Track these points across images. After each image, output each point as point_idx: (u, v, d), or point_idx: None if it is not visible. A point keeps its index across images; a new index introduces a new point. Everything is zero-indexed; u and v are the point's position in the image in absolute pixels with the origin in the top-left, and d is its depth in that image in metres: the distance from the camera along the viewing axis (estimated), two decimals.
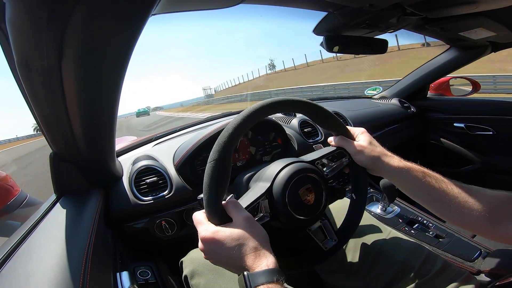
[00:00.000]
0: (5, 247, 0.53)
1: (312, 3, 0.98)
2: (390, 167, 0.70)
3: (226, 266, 0.55)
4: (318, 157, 0.74)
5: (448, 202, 0.62)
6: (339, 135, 0.75)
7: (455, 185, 0.64)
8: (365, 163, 0.72)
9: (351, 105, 2.02)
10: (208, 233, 0.54)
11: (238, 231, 0.53)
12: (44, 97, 0.53)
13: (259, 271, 0.48)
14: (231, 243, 0.52)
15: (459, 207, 0.61)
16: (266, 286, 0.46)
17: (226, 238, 0.52)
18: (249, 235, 0.53)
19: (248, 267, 0.50)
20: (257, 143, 1.19)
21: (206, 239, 0.53)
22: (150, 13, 0.40)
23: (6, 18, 0.36)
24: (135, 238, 0.94)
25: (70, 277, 0.46)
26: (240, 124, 0.59)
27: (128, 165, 1.01)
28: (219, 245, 0.52)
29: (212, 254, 0.54)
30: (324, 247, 0.70)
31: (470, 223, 0.61)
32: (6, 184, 1.03)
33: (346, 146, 0.74)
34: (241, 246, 0.51)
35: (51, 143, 0.70)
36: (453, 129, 1.99)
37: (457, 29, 1.34)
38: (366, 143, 0.73)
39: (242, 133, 0.60)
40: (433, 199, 0.65)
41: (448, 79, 2.18)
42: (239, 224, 0.54)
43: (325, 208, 0.70)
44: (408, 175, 0.68)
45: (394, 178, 0.71)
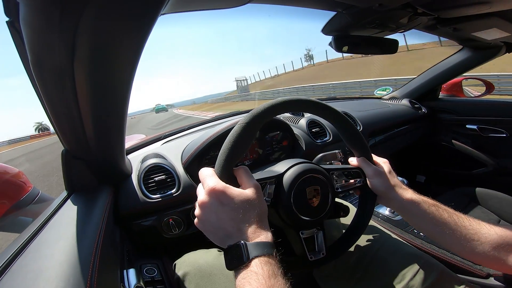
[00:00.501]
0: (16, 244, 0.54)
1: (320, 2, 0.98)
2: (403, 198, 0.70)
3: (219, 231, 0.51)
4: (334, 168, 0.74)
5: (459, 236, 0.62)
6: (361, 157, 0.76)
7: (465, 217, 0.65)
8: (379, 189, 0.72)
9: (360, 105, 2.00)
10: (219, 185, 0.52)
11: (248, 195, 0.52)
12: (56, 96, 0.54)
13: (258, 242, 0.47)
14: (239, 204, 0.50)
15: (470, 240, 0.61)
16: (265, 258, 0.46)
17: (235, 197, 0.51)
18: (256, 203, 0.52)
19: (247, 236, 0.48)
20: (264, 143, 1.19)
21: (215, 191, 0.51)
22: (159, 13, 0.41)
23: (20, 17, 0.38)
24: (143, 236, 0.96)
25: (79, 274, 0.47)
26: (277, 104, 0.61)
27: (137, 163, 1.02)
28: (226, 202, 0.51)
29: (212, 211, 0.51)
30: (310, 256, 0.68)
31: (480, 255, 0.60)
32: (18, 180, 1.05)
33: (365, 168, 0.74)
34: (247, 211, 0.50)
35: (63, 140, 0.71)
36: (465, 130, 1.94)
37: (469, 30, 1.31)
38: (386, 171, 0.73)
39: (276, 114, 0.63)
40: (445, 233, 0.64)
41: (461, 80, 2.14)
42: (248, 189, 0.53)
43: (325, 218, 0.69)
44: (421, 207, 0.67)
45: (405, 210, 0.70)
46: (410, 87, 2.17)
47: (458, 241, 0.62)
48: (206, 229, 0.53)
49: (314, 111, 0.71)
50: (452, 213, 0.66)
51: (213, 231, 0.52)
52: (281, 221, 0.68)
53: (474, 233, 0.61)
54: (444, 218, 0.65)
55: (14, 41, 0.47)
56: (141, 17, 0.40)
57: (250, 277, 0.44)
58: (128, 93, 0.57)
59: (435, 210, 0.66)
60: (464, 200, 1.39)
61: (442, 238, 0.65)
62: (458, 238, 0.62)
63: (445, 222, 0.64)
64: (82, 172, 0.79)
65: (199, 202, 0.53)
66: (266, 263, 0.45)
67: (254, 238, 0.48)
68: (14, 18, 0.43)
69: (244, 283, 0.44)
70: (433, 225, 0.66)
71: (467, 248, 0.62)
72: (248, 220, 0.50)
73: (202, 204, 0.52)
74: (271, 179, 0.64)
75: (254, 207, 0.51)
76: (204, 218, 0.53)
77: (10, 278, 0.45)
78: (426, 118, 2.06)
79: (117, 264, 0.67)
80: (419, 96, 2.12)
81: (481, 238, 0.60)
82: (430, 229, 0.67)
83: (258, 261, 0.45)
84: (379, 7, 0.92)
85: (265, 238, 0.49)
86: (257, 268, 0.44)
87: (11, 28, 0.45)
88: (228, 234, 0.50)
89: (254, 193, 0.53)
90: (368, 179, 0.74)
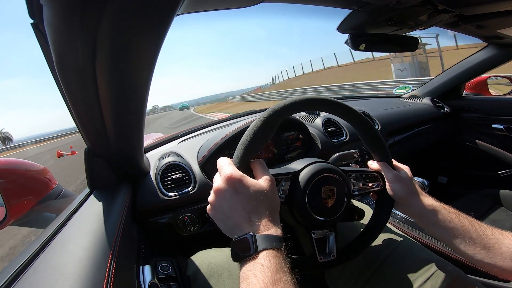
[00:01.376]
0: (40, 239, 0.56)
1: (336, 0, 0.97)
2: (423, 205, 0.68)
3: (229, 219, 0.51)
4: (352, 170, 0.73)
5: (479, 246, 0.60)
6: (382, 161, 0.74)
7: (488, 227, 0.62)
8: (399, 194, 0.71)
9: (378, 104, 1.96)
10: (236, 173, 0.52)
11: (262, 186, 0.52)
12: (79, 96, 0.56)
13: (268, 235, 0.47)
14: (252, 194, 0.51)
15: (491, 251, 0.59)
16: (273, 251, 0.45)
17: (250, 186, 0.51)
18: (270, 196, 0.52)
19: (257, 228, 0.48)
20: (280, 142, 1.19)
21: (232, 178, 0.51)
22: (175, 12, 0.42)
23: (43, 19, 0.39)
24: (159, 233, 0.97)
25: (97, 270, 0.48)
26: (297, 102, 0.62)
27: (154, 161, 1.05)
28: (240, 190, 0.51)
29: (225, 199, 0.51)
30: (319, 257, 0.67)
31: (500, 267, 0.58)
32: (44, 177, 1.10)
33: (385, 172, 0.73)
34: (260, 202, 0.50)
35: (86, 138, 0.73)
36: (490, 130, 1.86)
37: (494, 27, 1.26)
38: (406, 177, 0.72)
39: (296, 111, 0.63)
40: (465, 242, 0.62)
41: (486, 78, 2.05)
42: (263, 181, 0.54)
43: (339, 220, 0.68)
44: (440, 215, 0.65)
45: (425, 217, 0.68)
46: (431, 85, 2.10)
47: (478, 251, 0.60)
48: (217, 216, 0.54)
49: (334, 112, 0.70)
50: (474, 221, 0.64)
51: (224, 219, 0.52)
52: (293, 219, 0.67)
53: (496, 243, 0.59)
54: (465, 227, 0.63)
55: (39, 42, 0.49)
56: (158, 17, 0.41)
57: (256, 269, 0.43)
58: (146, 91, 0.58)
59: (456, 218, 0.64)
60: (488, 202, 1.33)
61: (462, 247, 0.62)
62: (478, 247, 0.60)
63: (466, 231, 0.62)
64: (103, 170, 0.81)
65: (214, 188, 0.54)
66: (273, 256, 0.45)
67: (263, 230, 0.48)
68: (38, 20, 0.45)
69: (249, 274, 0.43)
70: (453, 233, 0.63)
71: (486, 259, 0.59)
72: (260, 211, 0.50)
73: (217, 190, 0.53)
74: (287, 175, 0.64)
75: (267, 200, 0.52)
76: (217, 204, 0.53)
77: (32, 273, 0.46)
78: (448, 117, 1.99)
79: (133, 261, 0.68)
80: (442, 95, 2.05)
81: (503, 248, 0.58)
82: (449, 238, 0.64)
83: (266, 254, 0.45)
84: (396, 4, 0.90)
85: (274, 232, 0.48)
86: (264, 261, 0.44)
87: (36, 30, 0.47)
88: (238, 224, 0.50)
89: (269, 186, 0.53)
90: (388, 183, 0.73)
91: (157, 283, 0.67)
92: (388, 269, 0.74)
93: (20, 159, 1.18)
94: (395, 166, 0.75)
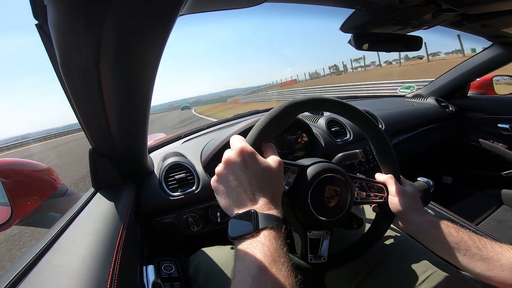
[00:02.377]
0: (45, 239, 0.56)
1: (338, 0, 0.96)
2: (422, 220, 0.68)
3: (232, 194, 0.51)
4: (358, 177, 0.73)
5: (478, 259, 0.60)
6: (389, 174, 0.75)
7: (487, 241, 0.62)
8: (399, 208, 0.71)
9: (382, 104, 1.95)
10: (249, 148, 0.52)
11: (271, 167, 0.53)
12: (83, 96, 0.56)
13: (269, 214, 0.47)
14: (261, 171, 0.51)
15: (490, 264, 0.59)
16: (273, 231, 0.45)
17: (260, 163, 0.52)
18: (277, 177, 0.53)
19: (259, 206, 0.48)
20: (283, 142, 1.19)
21: (243, 151, 0.52)
22: (178, 12, 0.42)
23: (48, 20, 0.40)
24: (162, 233, 0.98)
25: (101, 269, 0.48)
26: (318, 100, 0.63)
27: (158, 161, 1.05)
28: (250, 164, 0.51)
29: (233, 170, 0.51)
30: (309, 258, 0.66)
31: (504, 280, 0.58)
32: (49, 177, 1.11)
33: (390, 185, 0.73)
34: (266, 181, 0.51)
35: (90, 139, 0.73)
36: (496, 130, 1.84)
37: (499, 26, 1.25)
38: (410, 192, 0.72)
39: (313, 108, 0.67)
40: (464, 256, 0.62)
41: (491, 77, 2.04)
42: (273, 162, 0.54)
43: (337, 223, 0.68)
44: (440, 229, 0.66)
45: (424, 232, 0.69)
46: (436, 85, 2.09)
47: (478, 263, 0.60)
48: (220, 188, 0.53)
49: (349, 118, 0.71)
50: (472, 235, 0.64)
51: (227, 192, 0.52)
52: (292, 214, 0.67)
53: (495, 255, 0.59)
54: (464, 240, 0.63)
55: (43, 43, 0.49)
56: (161, 18, 0.41)
57: (255, 247, 0.42)
58: (150, 91, 0.59)
59: (455, 232, 0.64)
60: (493, 202, 1.32)
61: (462, 260, 0.62)
62: (478, 260, 0.60)
63: (466, 244, 0.62)
64: (107, 170, 0.82)
65: (224, 158, 0.53)
66: (274, 236, 0.44)
67: (266, 209, 0.47)
68: (43, 21, 0.45)
69: (247, 252, 0.43)
70: (453, 247, 0.63)
71: (486, 271, 0.59)
72: (265, 190, 0.50)
73: (227, 160, 0.52)
74: (295, 167, 0.65)
75: (274, 180, 0.52)
76: (223, 175, 0.52)
77: (37, 272, 0.47)
78: (453, 117, 1.98)
79: (137, 260, 0.68)
80: (446, 94, 2.04)
81: (502, 260, 0.58)
82: (449, 252, 0.64)
83: (267, 233, 0.44)
84: (400, 4, 0.89)
85: (276, 213, 0.48)
86: (264, 239, 0.43)
87: (40, 31, 0.47)
88: (241, 200, 0.49)
89: (277, 167, 0.54)
90: (390, 196, 0.73)
91: (160, 283, 0.68)
92: (385, 270, 0.74)
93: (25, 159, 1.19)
94: (402, 182, 0.76)
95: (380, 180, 0.76)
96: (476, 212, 1.28)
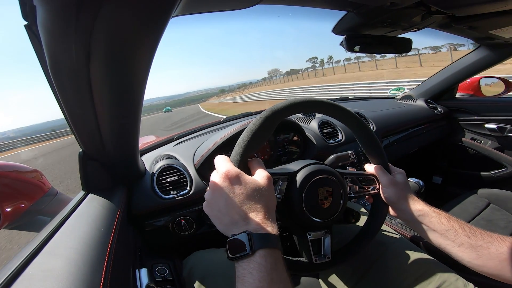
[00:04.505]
0: (34, 243, 0.55)
1: (330, 2, 0.97)
2: (414, 210, 0.69)
3: (225, 217, 0.50)
4: (349, 172, 0.74)
5: (469, 248, 0.61)
6: (378, 165, 0.75)
7: (477, 230, 0.64)
8: (391, 199, 0.72)
9: (373, 105, 1.98)
10: (233, 170, 0.52)
11: (259, 184, 0.52)
12: (73, 99, 0.55)
13: (264, 233, 0.47)
14: (250, 191, 0.50)
15: (480, 253, 0.60)
16: (270, 250, 0.45)
17: (248, 184, 0.51)
18: (267, 194, 0.52)
19: (254, 226, 0.47)
20: (276, 144, 1.19)
21: (229, 175, 0.51)
22: (171, 14, 0.41)
23: (37, 21, 0.39)
24: (155, 236, 0.97)
25: (93, 273, 0.47)
26: (298, 103, 0.62)
27: (150, 163, 1.04)
28: (237, 187, 0.50)
29: (222, 195, 0.50)
30: (314, 259, 0.67)
31: (492, 268, 0.59)
32: (38, 181, 1.09)
33: (381, 176, 0.74)
34: (257, 200, 0.50)
35: (80, 142, 0.72)
36: (484, 130, 1.89)
37: (486, 28, 1.27)
38: (400, 181, 0.73)
39: (294, 112, 0.63)
40: (455, 244, 0.63)
41: (479, 79, 2.08)
42: (261, 179, 0.53)
43: (335, 222, 0.68)
44: (431, 219, 0.67)
45: (416, 221, 0.70)
46: (425, 86, 2.12)
47: (468, 252, 0.61)
48: (213, 213, 0.53)
49: (331, 114, 0.70)
50: (463, 224, 0.65)
51: (220, 216, 0.51)
52: (290, 219, 0.67)
53: (484, 244, 0.60)
54: (455, 229, 0.64)
55: (32, 44, 0.48)
56: (153, 19, 0.41)
57: (253, 268, 0.43)
58: (142, 94, 0.58)
59: (446, 221, 0.66)
60: (482, 202, 1.35)
61: (453, 248, 0.64)
62: (468, 249, 0.61)
63: (456, 233, 0.63)
64: (98, 173, 0.81)
65: (211, 184, 0.53)
66: (270, 255, 0.45)
67: (260, 229, 0.47)
68: (32, 22, 0.44)
69: (245, 273, 0.43)
70: (444, 236, 0.65)
71: (476, 260, 0.60)
72: (257, 209, 0.49)
73: (213, 186, 0.52)
74: (284, 175, 0.64)
75: (264, 198, 0.51)
76: (213, 201, 0.52)
77: (26, 278, 0.45)
78: (442, 118, 2.02)
79: (129, 263, 0.68)
80: (435, 96, 2.08)
81: (491, 249, 0.59)
82: (441, 241, 0.66)
83: (263, 253, 0.44)
84: (390, 6, 0.91)
85: (271, 231, 0.48)
86: (260, 259, 0.44)
87: (29, 32, 0.46)
88: (235, 221, 0.49)
89: (266, 183, 0.53)
90: (381, 188, 0.73)
91: (154, 286, 0.67)
92: (380, 268, 0.75)
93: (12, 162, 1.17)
94: (391, 170, 0.76)
95: (370, 171, 0.76)
96: (465, 211, 1.30)
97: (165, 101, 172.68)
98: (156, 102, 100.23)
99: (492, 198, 1.36)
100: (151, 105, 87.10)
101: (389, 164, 0.77)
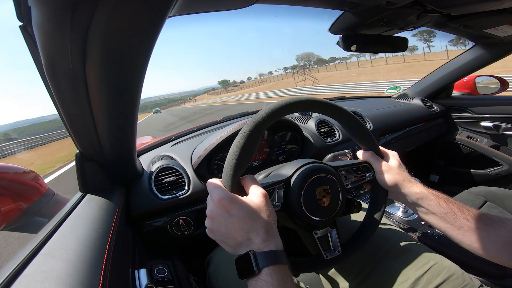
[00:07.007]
0: (31, 245, 0.54)
1: (327, 2, 0.97)
2: (412, 193, 0.69)
3: (229, 240, 0.51)
4: (342, 165, 0.73)
5: (469, 231, 0.61)
6: (370, 151, 0.75)
7: (477, 212, 0.63)
8: (387, 184, 0.72)
9: (370, 104, 1.98)
10: (226, 196, 0.52)
11: (255, 203, 0.52)
12: (69, 99, 0.55)
13: (268, 251, 0.47)
14: (246, 213, 0.50)
15: (480, 235, 0.60)
16: (275, 266, 0.46)
17: (243, 206, 0.51)
18: (264, 211, 0.52)
19: (257, 245, 0.48)
20: (273, 143, 1.19)
21: (222, 202, 0.51)
22: (167, 14, 0.41)
23: (32, 22, 0.39)
24: (154, 236, 0.97)
25: (92, 274, 0.47)
26: (279, 108, 0.61)
27: (148, 164, 1.04)
28: (233, 212, 0.50)
29: (221, 222, 0.51)
30: (325, 255, 0.67)
31: (491, 252, 0.59)
32: (34, 182, 1.09)
33: (374, 163, 0.74)
34: (255, 220, 0.50)
35: (77, 143, 0.72)
36: (480, 128, 1.90)
37: (481, 26, 1.28)
38: (394, 165, 0.73)
39: (277, 117, 0.61)
40: (455, 227, 0.64)
41: (474, 78, 2.09)
42: (256, 197, 0.53)
43: (338, 216, 0.68)
44: (430, 201, 0.67)
45: (415, 204, 0.70)
46: (421, 85, 2.14)
47: (467, 234, 0.61)
48: (217, 238, 0.54)
49: (317, 110, 0.69)
50: (462, 206, 0.65)
51: (224, 240, 0.52)
52: (293, 223, 0.67)
53: (485, 229, 0.60)
54: (453, 212, 0.64)
55: (27, 45, 0.48)
56: (149, 19, 0.41)
57: (261, 287, 0.45)
58: (138, 94, 0.58)
59: (445, 203, 0.65)
60: (479, 200, 1.35)
61: (452, 230, 0.64)
62: (468, 231, 0.61)
63: (455, 215, 0.63)
64: (95, 174, 0.80)
65: (208, 213, 0.54)
66: (276, 271, 0.46)
67: (263, 247, 0.48)
68: (27, 23, 0.44)
69: None
70: (443, 218, 0.65)
71: (476, 243, 0.60)
72: (257, 229, 0.50)
73: (211, 215, 0.53)
74: (279, 184, 0.64)
75: (262, 216, 0.51)
76: (214, 228, 0.53)
77: (24, 280, 0.45)
78: (439, 117, 2.03)
79: (128, 264, 0.68)
80: (431, 94, 2.09)
81: (491, 234, 0.59)
82: (440, 223, 0.66)
83: (268, 271, 0.45)
84: (386, 5, 0.91)
85: (274, 246, 0.49)
86: (266, 277, 0.45)
87: (24, 33, 0.46)
88: (239, 243, 0.50)
89: (262, 201, 0.53)
90: (376, 174, 0.73)
91: (153, 286, 0.67)
92: (386, 264, 0.75)
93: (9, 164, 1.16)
94: (383, 153, 0.76)
95: (362, 159, 0.76)
96: None
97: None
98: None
99: (488, 195, 1.37)
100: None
101: (380, 147, 0.76)
